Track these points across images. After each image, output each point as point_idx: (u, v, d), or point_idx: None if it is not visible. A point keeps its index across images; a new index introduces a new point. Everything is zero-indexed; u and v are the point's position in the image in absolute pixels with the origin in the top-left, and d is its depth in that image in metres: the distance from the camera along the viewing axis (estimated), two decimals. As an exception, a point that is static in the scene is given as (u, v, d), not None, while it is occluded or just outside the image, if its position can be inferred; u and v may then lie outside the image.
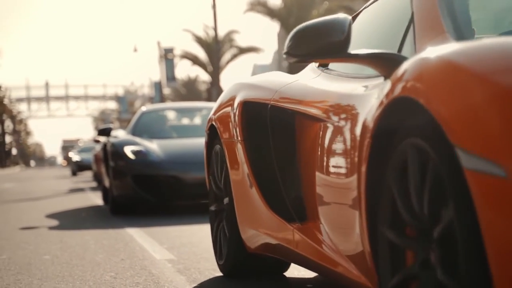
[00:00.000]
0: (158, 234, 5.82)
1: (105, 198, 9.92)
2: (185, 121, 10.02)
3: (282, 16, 34.52)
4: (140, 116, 9.47)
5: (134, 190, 7.80)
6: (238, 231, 3.31)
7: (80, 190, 15.51)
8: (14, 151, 72.23)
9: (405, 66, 1.87)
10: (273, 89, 3.09)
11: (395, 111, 1.92)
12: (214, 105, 3.75)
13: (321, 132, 2.60)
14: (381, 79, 2.31)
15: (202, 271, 3.92)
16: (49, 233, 6.35)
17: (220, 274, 3.79)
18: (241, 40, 68.52)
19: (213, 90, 35.49)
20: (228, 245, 3.46)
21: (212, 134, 3.67)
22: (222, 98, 3.61)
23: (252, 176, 3.10)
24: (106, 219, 7.68)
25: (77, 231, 6.44)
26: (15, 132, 75.71)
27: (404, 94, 1.82)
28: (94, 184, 18.02)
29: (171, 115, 10.01)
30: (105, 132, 9.11)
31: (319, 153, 2.60)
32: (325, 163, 2.54)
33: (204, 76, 60.75)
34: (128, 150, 8.04)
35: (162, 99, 45.38)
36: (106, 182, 9.13)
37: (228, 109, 3.40)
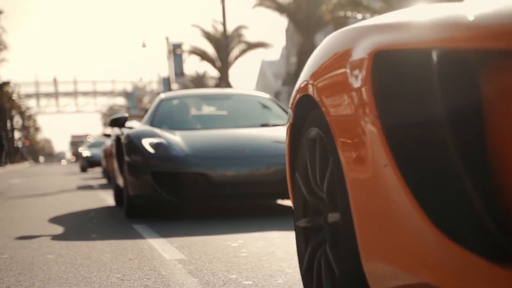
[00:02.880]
0: (168, 232, 5.58)
1: (117, 198, 8.68)
2: (211, 110, 8.58)
3: (291, 11, 34.31)
4: (159, 104, 8.08)
5: (154, 189, 6.59)
6: (359, 263, 2.03)
7: (89, 187, 15.31)
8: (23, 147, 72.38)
9: None
10: (444, 25, 1.64)
11: None
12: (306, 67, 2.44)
13: None
14: None
15: (215, 272, 3.68)
16: (54, 230, 6.13)
17: (234, 275, 3.55)
18: (249, 36, 68.11)
19: (222, 86, 35.29)
20: (339, 283, 2.19)
21: (304, 111, 2.44)
22: (323, 52, 2.25)
23: (399, 175, 1.73)
24: (112, 216, 7.45)
25: (83, 228, 6.21)
26: (24, 128, 75.84)
27: None
28: (104, 181, 17.82)
29: (194, 103, 8.59)
30: (118, 122, 7.69)
31: None
32: None
33: (212, 72, 60.56)
34: (147, 143, 6.81)
35: (171, 94, 45.19)
36: (119, 180, 7.95)
37: (341, 68, 2.03)
